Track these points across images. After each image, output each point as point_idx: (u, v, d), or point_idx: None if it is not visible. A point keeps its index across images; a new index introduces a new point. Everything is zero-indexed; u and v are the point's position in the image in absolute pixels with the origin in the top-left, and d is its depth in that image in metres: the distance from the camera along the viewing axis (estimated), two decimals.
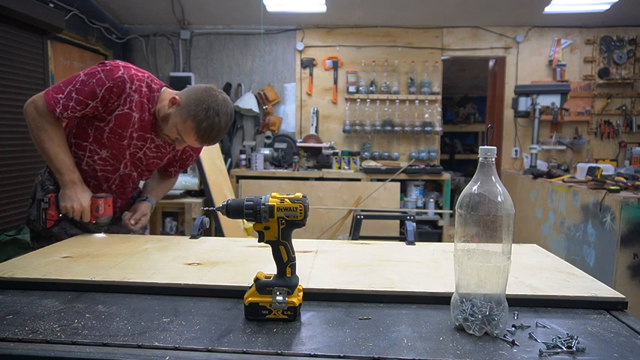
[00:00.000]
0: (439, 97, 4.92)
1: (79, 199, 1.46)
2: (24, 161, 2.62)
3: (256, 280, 0.88)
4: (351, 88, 4.90)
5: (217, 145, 4.40)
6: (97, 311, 0.89)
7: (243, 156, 4.78)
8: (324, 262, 1.18)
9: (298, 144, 4.83)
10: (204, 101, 1.43)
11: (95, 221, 1.51)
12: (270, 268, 0.90)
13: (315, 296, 0.96)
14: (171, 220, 5.00)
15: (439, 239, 4.59)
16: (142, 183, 1.79)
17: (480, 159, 0.83)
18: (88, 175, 1.56)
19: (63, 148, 1.47)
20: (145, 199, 1.72)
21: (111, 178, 1.59)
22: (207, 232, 1.55)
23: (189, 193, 4.22)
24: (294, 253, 0.88)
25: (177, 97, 1.47)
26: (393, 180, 4.47)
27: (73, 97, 1.42)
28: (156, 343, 0.76)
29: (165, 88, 1.57)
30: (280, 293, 0.85)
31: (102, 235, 1.51)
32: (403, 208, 4.62)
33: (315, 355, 0.73)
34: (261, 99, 4.98)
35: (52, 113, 1.42)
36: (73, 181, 1.47)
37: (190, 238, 1.44)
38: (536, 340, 0.79)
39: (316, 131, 4.93)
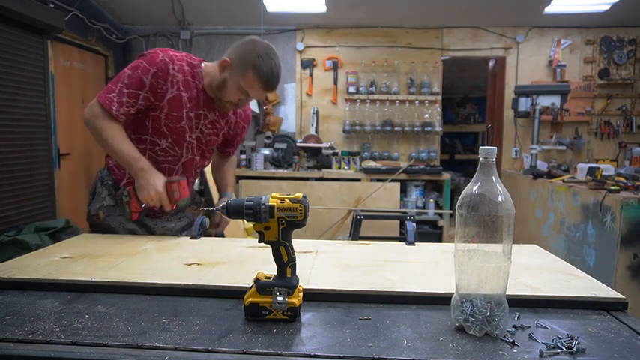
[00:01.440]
0: (439, 98, 4.92)
1: (153, 186, 1.44)
2: (24, 161, 2.62)
3: (256, 280, 0.88)
4: (351, 89, 4.90)
5: None
6: (96, 311, 0.89)
7: (243, 156, 4.78)
8: (324, 263, 1.18)
9: (298, 144, 4.83)
10: (254, 49, 1.46)
11: (175, 206, 1.50)
12: (270, 269, 0.90)
13: (315, 296, 0.96)
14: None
15: (439, 239, 4.59)
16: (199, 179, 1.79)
17: (481, 159, 0.83)
18: None
19: (125, 141, 1.48)
20: (221, 195, 1.75)
21: (173, 168, 1.60)
22: (207, 233, 1.54)
23: None
24: (294, 254, 0.88)
25: (226, 58, 1.50)
26: (393, 180, 4.46)
27: (124, 92, 1.44)
28: (156, 344, 0.76)
29: (203, 63, 1.60)
30: (280, 293, 0.85)
31: (103, 235, 1.51)
32: (403, 209, 4.62)
33: (315, 356, 0.73)
34: (261, 99, 4.98)
35: (109, 112, 1.44)
36: (143, 168, 1.46)
37: (190, 238, 1.44)
38: (536, 340, 0.79)
39: (316, 131, 4.93)
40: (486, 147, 0.82)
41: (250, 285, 0.88)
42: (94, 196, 1.63)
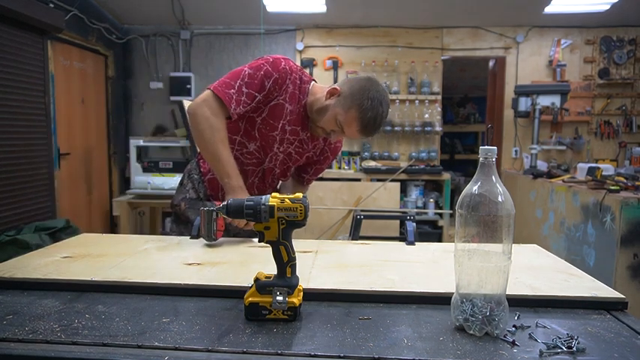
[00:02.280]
0: (439, 97, 4.92)
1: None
2: (24, 161, 2.62)
3: (256, 280, 0.88)
4: None
5: None
6: (97, 311, 0.89)
7: None
8: (324, 262, 1.18)
9: None
10: (368, 90, 1.40)
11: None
12: (271, 268, 0.90)
13: (315, 296, 0.96)
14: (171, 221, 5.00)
15: (439, 239, 4.59)
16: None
17: (481, 159, 0.83)
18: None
19: (228, 150, 1.43)
20: None
21: (255, 171, 1.59)
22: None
23: None
24: (294, 253, 0.88)
25: (337, 87, 1.45)
26: (393, 180, 4.46)
27: (243, 92, 1.41)
28: (156, 343, 0.76)
29: (313, 82, 1.57)
30: (280, 293, 0.85)
31: (102, 234, 1.51)
32: (403, 208, 4.62)
33: (315, 355, 0.73)
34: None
35: (228, 109, 1.39)
36: (242, 188, 1.42)
37: (190, 238, 1.44)
38: (536, 340, 0.79)
39: None
40: (486, 147, 0.82)
41: (250, 285, 0.88)
42: (181, 185, 1.67)
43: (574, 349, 0.76)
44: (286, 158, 1.61)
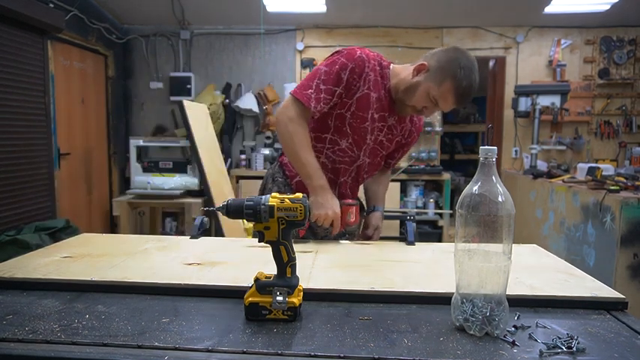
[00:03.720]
0: None
1: (331, 206, 1.41)
2: (24, 161, 2.62)
3: (256, 280, 0.88)
4: None
5: (217, 144, 4.40)
6: (96, 311, 0.89)
7: (243, 156, 4.78)
8: (324, 263, 1.18)
9: None
10: (458, 60, 1.37)
11: (345, 229, 1.50)
12: (271, 268, 0.90)
13: (315, 296, 0.96)
14: (171, 221, 5.00)
15: (439, 239, 4.59)
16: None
17: (481, 159, 0.83)
18: (326, 168, 1.54)
19: (312, 153, 1.45)
20: (372, 209, 1.69)
21: (348, 170, 1.57)
22: (207, 232, 1.54)
23: (189, 193, 4.22)
24: (294, 253, 0.88)
25: (424, 62, 1.43)
26: (393, 180, 4.46)
27: (321, 89, 1.42)
28: (156, 344, 0.76)
29: (392, 64, 1.54)
30: (280, 293, 0.85)
31: (105, 234, 1.51)
32: (403, 208, 4.62)
33: (315, 356, 0.73)
34: (261, 99, 4.98)
35: (308, 109, 1.41)
36: (323, 187, 1.42)
37: (190, 238, 1.44)
38: (536, 340, 0.79)
39: None
40: (486, 147, 0.82)
41: (250, 285, 0.88)
42: (264, 191, 1.66)
43: (574, 349, 0.76)
44: (377, 147, 1.58)
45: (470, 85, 1.37)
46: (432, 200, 4.70)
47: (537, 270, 1.14)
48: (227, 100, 4.98)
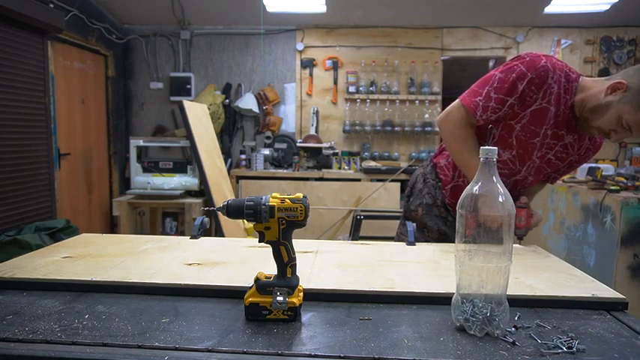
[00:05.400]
0: (439, 98, 4.92)
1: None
2: (24, 161, 2.62)
3: (257, 280, 0.87)
4: (351, 89, 4.90)
5: (217, 144, 4.40)
6: (97, 311, 0.89)
7: (243, 156, 4.78)
8: (324, 263, 1.18)
9: (298, 144, 4.83)
10: None
11: (515, 232, 1.43)
12: (271, 269, 0.90)
13: (315, 296, 0.96)
14: (171, 221, 5.00)
15: None
16: None
17: (481, 159, 0.83)
18: None
19: (476, 159, 1.42)
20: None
21: (505, 181, 1.40)
22: (207, 232, 1.54)
23: (189, 193, 4.22)
24: (294, 254, 0.88)
25: (623, 81, 1.25)
26: (393, 180, 4.46)
27: (492, 97, 1.35)
28: (156, 344, 0.76)
29: (582, 77, 1.38)
30: (281, 293, 0.85)
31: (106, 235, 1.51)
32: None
33: (315, 356, 0.73)
34: (261, 99, 4.98)
35: (473, 117, 1.37)
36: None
37: (190, 238, 1.44)
38: (536, 340, 0.79)
39: (316, 131, 4.93)
40: (487, 147, 0.82)
41: (250, 285, 0.88)
42: (413, 190, 1.65)
43: (574, 349, 0.76)
44: (544, 166, 1.47)
45: None
46: None
47: (537, 270, 1.14)
48: (227, 100, 4.98)
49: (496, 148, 0.82)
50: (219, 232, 3.77)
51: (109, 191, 4.94)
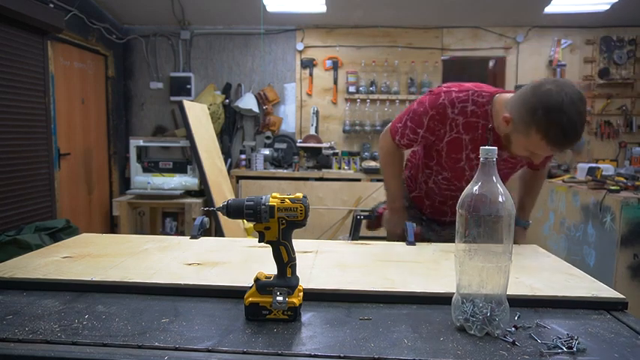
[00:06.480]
0: None
1: (393, 226, 1.63)
2: (24, 161, 2.62)
3: (256, 280, 0.88)
4: (351, 89, 4.90)
5: (217, 144, 4.40)
6: (97, 311, 0.89)
7: (243, 156, 4.78)
8: (324, 263, 1.18)
9: (298, 144, 4.83)
10: (535, 106, 1.18)
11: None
12: (271, 269, 0.90)
13: (315, 296, 0.96)
14: (171, 221, 5.00)
15: None
16: None
17: (481, 159, 0.83)
18: (434, 192, 1.63)
19: (395, 179, 1.62)
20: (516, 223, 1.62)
21: (456, 196, 1.49)
22: (207, 232, 1.54)
23: (189, 193, 4.22)
24: (294, 254, 0.88)
25: (507, 114, 1.28)
26: None
27: (408, 126, 1.48)
28: (156, 344, 0.76)
29: (496, 96, 1.38)
30: (280, 293, 0.85)
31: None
32: None
33: (315, 356, 0.73)
34: (261, 99, 4.98)
35: (393, 140, 1.54)
36: (396, 209, 1.63)
37: (190, 238, 1.44)
38: (536, 340, 0.79)
39: (316, 131, 4.93)
40: (487, 147, 0.82)
41: (250, 285, 0.88)
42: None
43: (574, 349, 0.76)
44: None
45: (562, 130, 1.16)
46: None
47: (537, 270, 1.14)
48: (227, 100, 4.98)
49: (496, 148, 0.82)
50: (219, 232, 3.77)
51: (109, 191, 4.94)
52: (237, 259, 1.20)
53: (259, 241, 0.88)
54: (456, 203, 1.55)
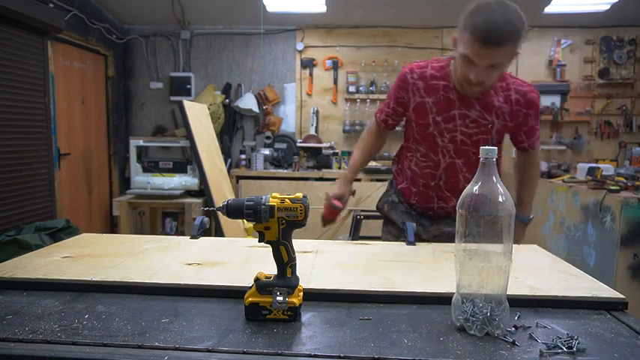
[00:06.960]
0: None
1: (329, 192, 1.74)
2: (24, 161, 2.62)
3: (256, 280, 0.87)
4: (351, 88, 4.90)
5: (217, 144, 4.40)
6: (97, 311, 0.89)
7: (243, 156, 4.78)
8: (324, 263, 1.18)
9: (298, 144, 4.83)
10: (469, 10, 1.32)
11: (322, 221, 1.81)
12: (271, 269, 0.90)
13: (315, 296, 0.96)
14: (171, 221, 5.00)
15: None
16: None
17: (481, 159, 0.83)
18: (417, 175, 1.66)
19: (359, 151, 1.75)
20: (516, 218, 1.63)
21: (435, 174, 1.61)
22: (207, 232, 1.54)
23: (189, 193, 4.22)
24: (294, 254, 0.88)
25: (454, 36, 1.39)
26: None
27: (386, 102, 1.65)
28: (156, 344, 0.76)
29: (453, 60, 1.46)
30: (280, 293, 0.85)
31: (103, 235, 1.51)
32: None
33: (315, 356, 0.73)
34: (261, 99, 4.98)
35: (375, 117, 1.70)
36: (344, 176, 1.75)
37: (190, 238, 1.44)
38: (536, 340, 0.79)
39: (316, 131, 4.93)
40: (487, 147, 0.82)
41: (250, 285, 0.88)
42: (386, 191, 1.83)
43: (574, 349, 0.76)
44: (461, 148, 1.54)
45: (483, 21, 1.27)
46: None
47: (537, 270, 1.14)
48: (227, 100, 4.98)
49: (496, 148, 0.82)
50: (219, 232, 3.76)
51: (109, 191, 4.94)
52: (237, 259, 1.20)
53: (259, 241, 0.88)
54: (438, 185, 1.62)
